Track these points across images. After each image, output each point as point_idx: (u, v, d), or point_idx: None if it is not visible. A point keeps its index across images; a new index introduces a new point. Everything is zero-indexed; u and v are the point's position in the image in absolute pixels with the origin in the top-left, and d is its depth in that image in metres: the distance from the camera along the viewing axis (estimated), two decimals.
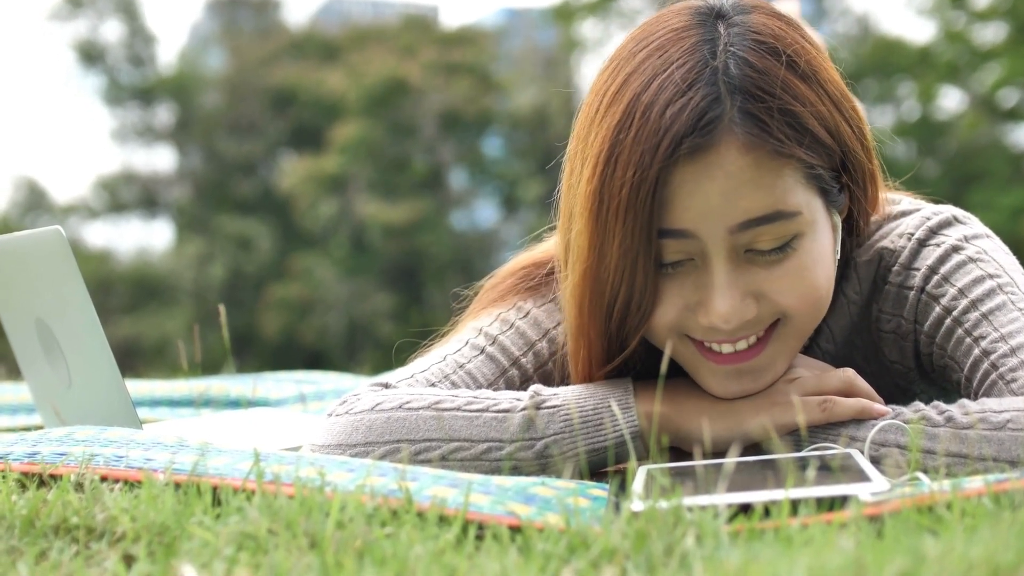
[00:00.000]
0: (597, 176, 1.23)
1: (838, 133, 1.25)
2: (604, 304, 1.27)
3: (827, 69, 1.27)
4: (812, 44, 1.28)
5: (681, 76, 1.21)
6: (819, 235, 1.26)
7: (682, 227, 1.21)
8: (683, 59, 1.22)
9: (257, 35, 23.44)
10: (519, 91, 21.55)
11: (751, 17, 1.26)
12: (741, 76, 1.21)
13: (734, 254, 1.23)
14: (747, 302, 1.23)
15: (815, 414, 1.24)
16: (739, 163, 1.19)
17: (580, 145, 1.28)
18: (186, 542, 0.95)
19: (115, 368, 1.52)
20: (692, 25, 1.26)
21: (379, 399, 1.30)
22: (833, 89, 1.26)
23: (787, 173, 1.21)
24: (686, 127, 1.19)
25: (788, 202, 1.21)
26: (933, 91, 15.99)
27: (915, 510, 0.95)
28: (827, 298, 1.28)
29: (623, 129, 1.22)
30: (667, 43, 1.24)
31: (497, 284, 1.51)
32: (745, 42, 1.23)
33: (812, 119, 1.22)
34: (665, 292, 1.25)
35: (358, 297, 20.05)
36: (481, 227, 23.02)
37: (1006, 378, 1.25)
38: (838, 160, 1.27)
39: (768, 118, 1.20)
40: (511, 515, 1.01)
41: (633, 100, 1.22)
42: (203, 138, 22.43)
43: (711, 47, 1.23)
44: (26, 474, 1.23)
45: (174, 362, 2.75)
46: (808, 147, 1.22)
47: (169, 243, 23.32)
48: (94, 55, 22.34)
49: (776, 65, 1.22)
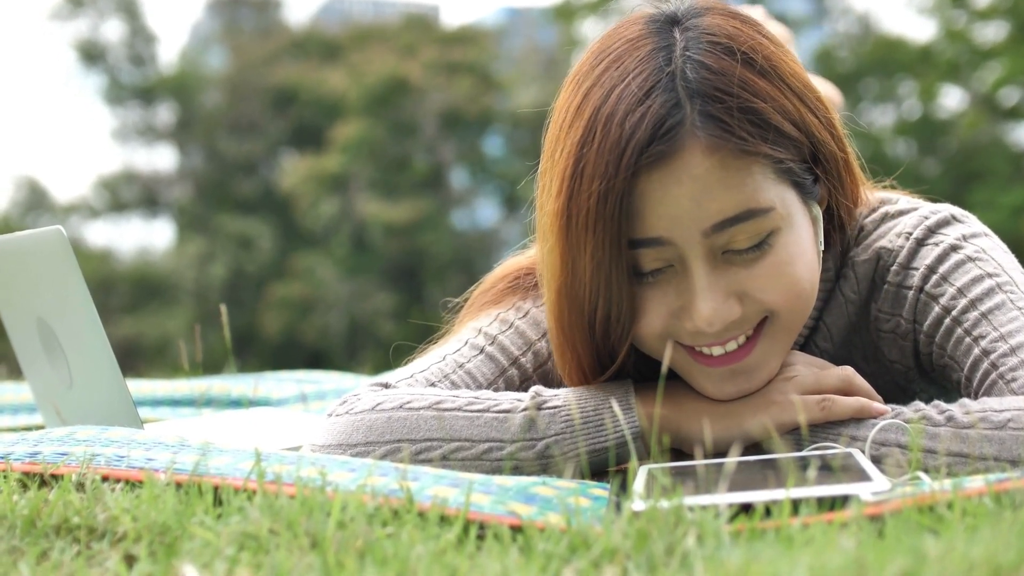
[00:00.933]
0: (564, 191, 1.23)
1: (804, 125, 1.25)
2: (584, 318, 1.27)
3: (787, 62, 1.27)
4: (770, 39, 1.28)
5: (638, 85, 1.21)
6: (796, 229, 1.25)
7: (656, 235, 1.21)
8: (639, 68, 1.22)
9: (258, 34, 23.44)
10: (520, 90, 21.53)
11: (704, 19, 1.26)
12: (699, 79, 1.21)
13: (712, 256, 1.23)
14: (730, 303, 1.23)
15: (814, 413, 1.24)
16: (705, 165, 1.19)
17: (548, 163, 1.29)
18: (187, 542, 0.96)
19: (116, 368, 1.52)
20: (647, 34, 1.26)
21: (380, 399, 1.30)
22: (795, 82, 1.26)
23: (755, 170, 1.21)
24: (648, 135, 1.19)
25: (759, 199, 1.21)
26: (934, 90, 15.98)
27: (916, 510, 0.95)
28: (811, 291, 1.27)
29: (586, 143, 1.22)
30: (623, 54, 1.25)
31: (487, 290, 1.52)
32: (700, 45, 1.23)
33: (775, 114, 1.22)
34: (648, 301, 1.25)
35: (359, 296, 20.04)
36: (482, 226, 23.00)
37: (1006, 377, 1.25)
38: (807, 151, 1.27)
39: (729, 118, 1.20)
40: (512, 515, 1.01)
41: (594, 114, 1.22)
42: (204, 137, 22.43)
43: (667, 53, 1.23)
44: (27, 474, 1.23)
45: (175, 361, 2.75)
46: (773, 142, 1.22)
47: (170, 242, 23.34)
48: (95, 55, 22.34)
49: (733, 64, 1.22)
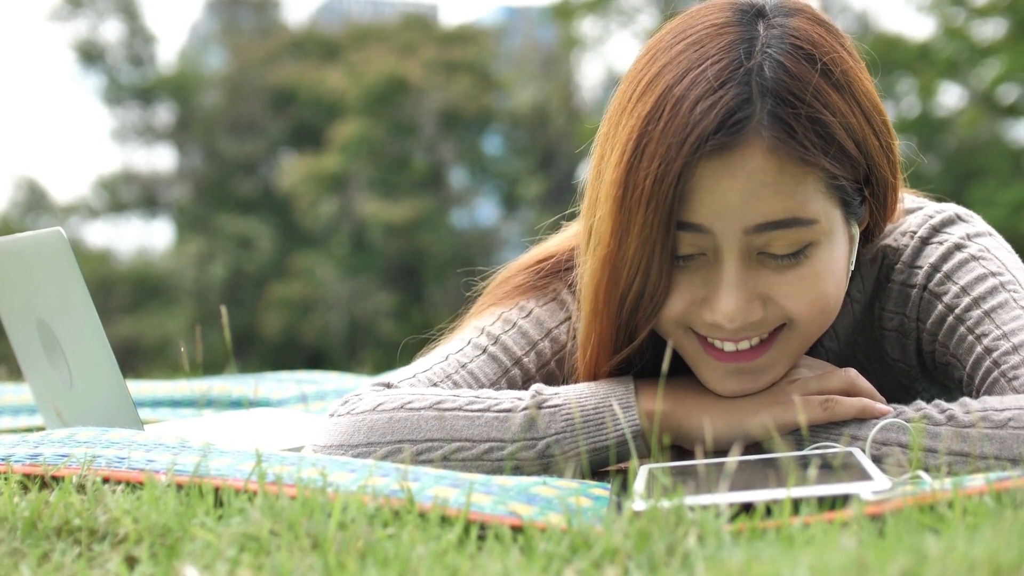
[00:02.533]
0: (624, 164, 1.23)
1: (865, 146, 1.25)
2: (619, 292, 1.27)
3: (862, 81, 1.26)
4: (851, 54, 1.27)
5: (714, 73, 1.21)
6: (835, 245, 1.25)
7: (698, 222, 1.21)
8: (718, 56, 1.22)
9: (257, 34, 23.42)
10: (519, 89, 21.53)
11: (792, 20, 1.26)
12: (774, 79, 1.20)
13: (746, 255, 1.23)
14: (753, 304, 1.23)
15: (817, 413, 1.24)
16: (762, 165, 1.19)
17: (611, 131, 1.28)
18: (188, 543, 0.96)
19: (116, 369, 1.52)
20: (732, 22, 1.25)
21: (381, 399, 1.30)
22: (866, 101, 1.26)
23: (809, 181, 1.21)
24: (714, 124, 1.19)
25: (807, 210, 1.21)
26: (933, 87, 15.97)
27: (917, 509, 0.95)
28: (835, 308, 1.28)
29: (652, 120, 1.22)
30: (705, 38, 1.24)
31: (510, 277, 1.51)
32: (783, 45, 1.23)
33: (841, 130, 1.22)
34: (675, 285, 1.26)
35: (359, 296, 20.04)
36: (481, 225, 22.99)
37: (1008, 376, 1.25)
38: (862, 173, 1.26)
39: (796, 124, 1.19)
40: (513, 515, 1.01)
41: (665, 92, 1.22)
42: (203, 137, 22.42)
43: (748, 46, 1.22)
44: (28, 476, 1.23)
45: (175, 361, 2.75)
46: (834, 157, 1.21)
47: (169, 243, 23.33)
48: (94, 55, 22.33)
49: (811, 72, 1.21)
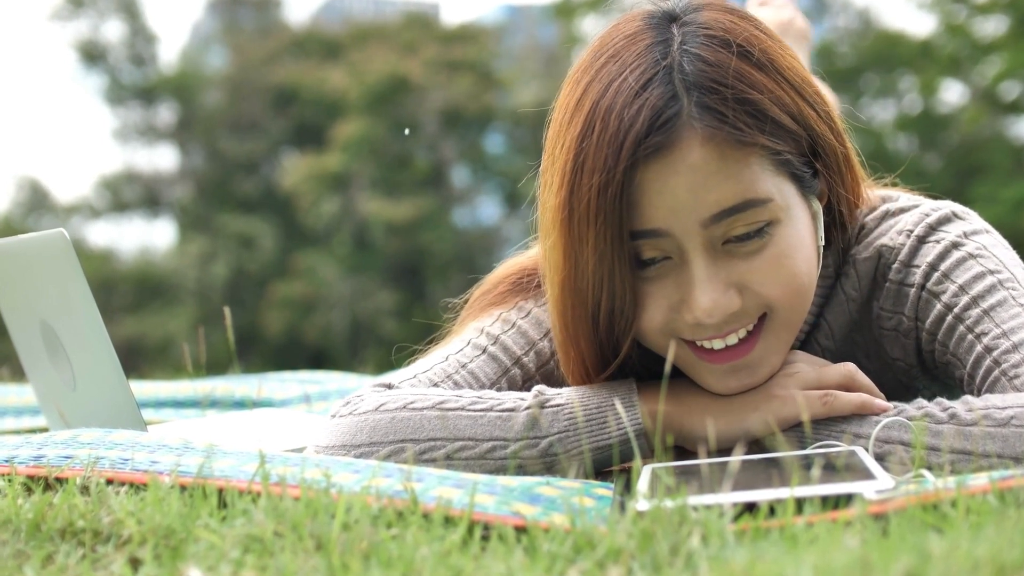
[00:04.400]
0: (565, 186, 1.24)
1: (802, 117, 1.26)
2: (588, 313, 1.28)
3: (784, 56, 1.28)
4: (767, 34, 1.29)
5: (635, 78, 1.22)
6: (795, 222, 1.26)
7: (655, 226, 1.22)
8: (637, 62, 1.24)
9: (258, 34, 23.41)
10: (520, 88, 21.52)
11: (701, 15, 1.28)
12: (695, 71, 1.22)
13: (711, 248, 1.23)
14: (730, 294, 1.24)
15: (816, 408, 1.25)
16: (703, 156, 1.20)
17: (548, 160, 1.30)
18: (192, 545, 0.96)
19: (119, 370, 1.52)
20: (645, 29, 1.27)
21: (383, 399, 1.30)
22: (792, 75, 1.27)
23: (753, 161, 1.22)
24: (645, 126, 1.20)
25: (757, 190, 1.22)
26: (934, 85, 15.96)
27: (920, 508, 0.95)
28: (810, 286, 1.28)
29: (586, 136, 1.23)
30: (621, 49, 1.26)
31: (488, 291, 1.52)
32: (697, 39, 1.24)
33: (772, 105, 1.23)
34: (648, 295, 1.26)
35: (361, 295, 20.03)
36: (483, 224, 22.98)
37: (1008, 374, 1.25)
38: (806, 145, 1.27)
39: (725, 108, 1.21)
40: (516, 515, 1.01)
41: (593, 108, 1.23)
42: (205, 137, 22.42)
43: (664, 48, 1.24)
44: (32, 477, 1.23)
45: (177, 361, 2.76)
46: (771, 133, 1.22)
47: (172, 242, 23.31)
48: (96, 55, 22.32)
49: (728, 56, 1.23)
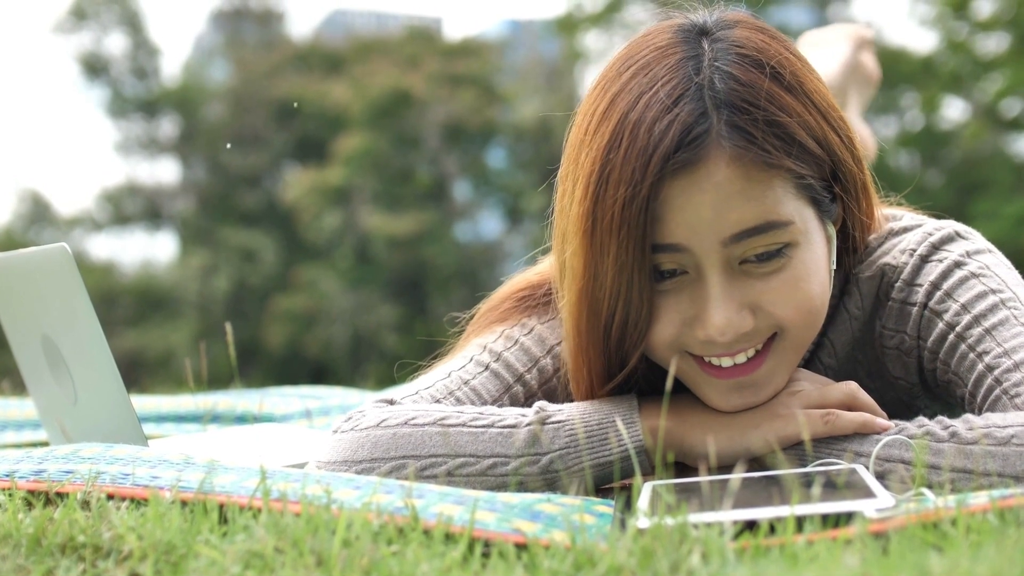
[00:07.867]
0: (589, 196, 1.24)
1: (826, 143, 1.26)
2: (602, 323, 1.28)
3: (813, 80, 1.28)
4: (797, 56, 1.29)
5: (667, 93, 1.22)
6: (812, 246, 1.26)
7: (675, 241, 1.22)
8: (668, 76, 1.24)
9: (261, 47, 23.46)
10: (523, 102, 21.54)
11: (734, 32, 1.27)
12: (726, 90, 1.22)
13: (728, 266, 1.24)
14: (743, 314, 1.24)
15: (818, 427, 1.25)
16: (728, 175, 1.20)
17: (571, 166, 1.30)
18: (193, 560, 0.96)
19: (121, 384, 1.52)
20: (676, 43, 1.27)
21: (384, 415, 1.30)
22: (819, 100, 1.27)
23: (776, 184, 1.22)
24: (674, 142, 1.20)
25: (779, 212, 1.22)
26: (936, 101, 15.97)
27: (920, 526, 0.95)
28: (822, 309, 1.28)
29: (613, 148, 1.23)
30: (652, 61, 1.26)
31: (495, 307, 1.52)
32: (729, 56, 1.24)
33: (799, 129, 1.23)
34: (662, 309, 1.26)
35: (363, 309, 20.03)
36: (485, 238, 23.00)
37: (1010, 393, 1.25)
38: (828, 170, 1.28)
39: (755, 130, 1.21)
40: (517, 532, 1.01)
41: (621, 119, 1.23)
42: (207, 150, 22.45)
43: (695, 63, 1.24)
44: (32, 492, 1.23)
45: (179, 374, 2.76)
46: (796, 157, 1.23)
47: (173, 255, 23.32)
48: (98, 67, 22.37)
49: (761, 77, 1.23)
